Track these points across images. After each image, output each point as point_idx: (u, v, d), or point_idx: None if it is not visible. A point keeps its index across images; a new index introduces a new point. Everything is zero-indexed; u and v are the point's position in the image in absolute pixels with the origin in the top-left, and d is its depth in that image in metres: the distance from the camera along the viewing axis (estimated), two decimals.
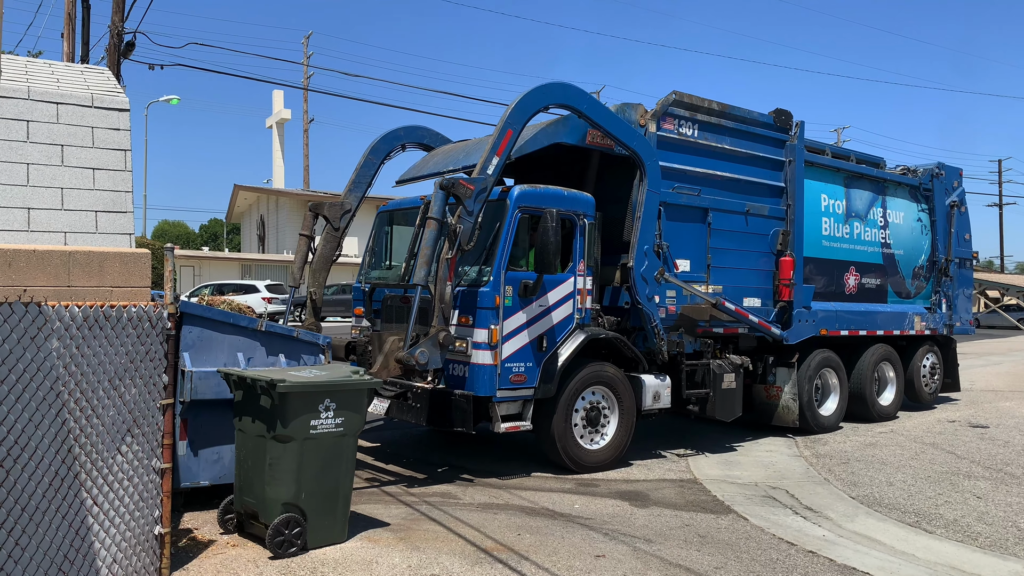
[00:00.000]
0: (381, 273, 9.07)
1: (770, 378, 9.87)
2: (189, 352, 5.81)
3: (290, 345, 6.35)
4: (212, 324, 5.97)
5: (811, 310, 10.02)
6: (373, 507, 6.32)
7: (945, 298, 12.28)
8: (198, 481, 5.94)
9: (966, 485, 7.49)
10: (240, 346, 6.08)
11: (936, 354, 12.46)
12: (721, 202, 9.12)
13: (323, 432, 5.21)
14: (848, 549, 5.66)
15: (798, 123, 9.92)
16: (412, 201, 8.76)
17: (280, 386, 4.97)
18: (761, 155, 9.63)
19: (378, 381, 5.64)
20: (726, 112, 9.21)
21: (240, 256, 43.54)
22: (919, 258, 12.02)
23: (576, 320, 7.76)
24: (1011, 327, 44.43)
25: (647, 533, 5.87)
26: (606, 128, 7.90)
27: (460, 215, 6.93)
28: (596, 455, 7.82)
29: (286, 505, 5.14)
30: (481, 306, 7.17)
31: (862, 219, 11.05)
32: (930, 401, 12.41)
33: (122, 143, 5.49)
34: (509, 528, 5.88)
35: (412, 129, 9.57)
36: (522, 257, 7.62)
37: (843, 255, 10.76)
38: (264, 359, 6.19)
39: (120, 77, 14.76)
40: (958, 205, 12.46)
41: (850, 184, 10.88)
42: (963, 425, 10.84)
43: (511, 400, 7.33)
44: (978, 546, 5.77)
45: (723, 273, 9.15)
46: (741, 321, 9.07)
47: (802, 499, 6.99)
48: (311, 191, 47.64)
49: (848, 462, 8.47)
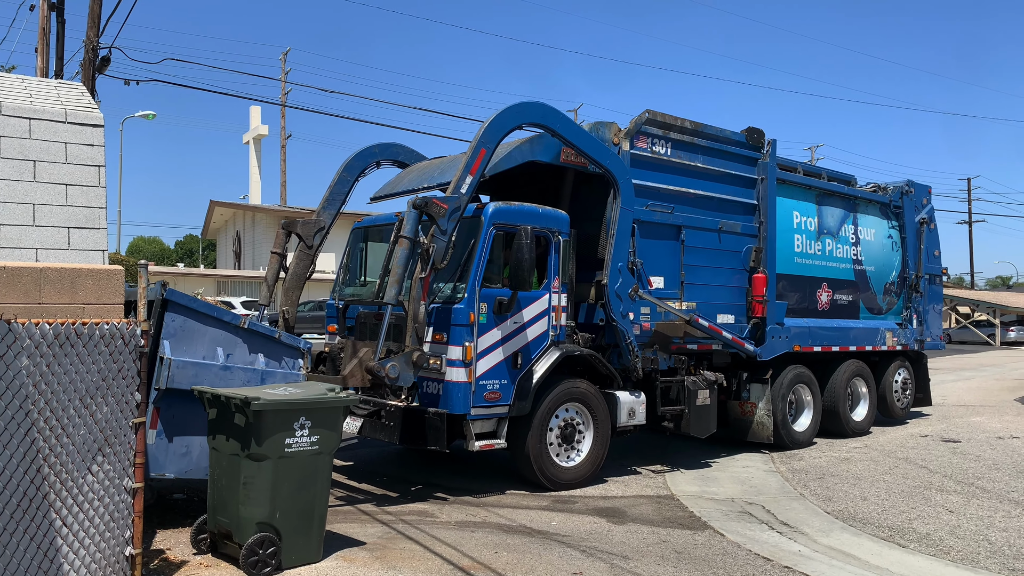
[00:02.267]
0: (355, 290, 9.02)
1: (744, 394, 9.89)
2: (170, 340, 5.69)
3: (270, 346, 6.26)
4: (196, 315, 5.86)
5: (784, 326, 10.08)
6: (349, 526, 6.26)
7: (916, 314, 12.40)
8: (164, 473, 5.79)
9: (939, 499, 7.57)
10: (221, 341, 5.98)
11: (908, 369, 12.58)
12: (694, 220, 9.18)
13: (298, 450, 5.17)
14: (823, 564, 5.69)
15: (770, 141, 10.01)
16: (387, 218, 8.72)
17: (255, 404, 4.93)
18: (734, 173, 9.72)
19: (354, 399, 5.61)
20: (699, 131, 9.29)
21: (216, 272, 43.19)
22: (890, 274, 12.16)
23: (551, 337, 7.75)
24: (982, 342, 45.13)
25: (624, 550, 5.87)
26: (579, 147, 7.95)
27: (433, 234, 6.92)
28: (571, 472, 7.79)
29: (260, 524, 5.08)
30: (455, 323, 7.14)
31: (834, 236, 11.16)
32: (902, 416, 12.52)
33: (96, 159, 5.45)
34: (486, 546, 5.85)
35: (386, 146, 9.55)
36: (497, 274, 7.60)
37: (815, 272, 10.86)
38: (244, 356, 6.09)
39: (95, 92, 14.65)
40: (927, 222, 12.66)
41: (822, 201, 11.00)
42: (935, 440, 10.97)
43: (485, 418, 7.28)
44: (950, 560, 5.83)
45: (697, 290, 9.19)
46: (715, 338, 9.11)
47: (778, 514, 7.03)
48: (288, 207, 47.42)
49: (823, 477, 8.53)
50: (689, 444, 10.25)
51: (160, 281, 5.88)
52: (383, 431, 7.46)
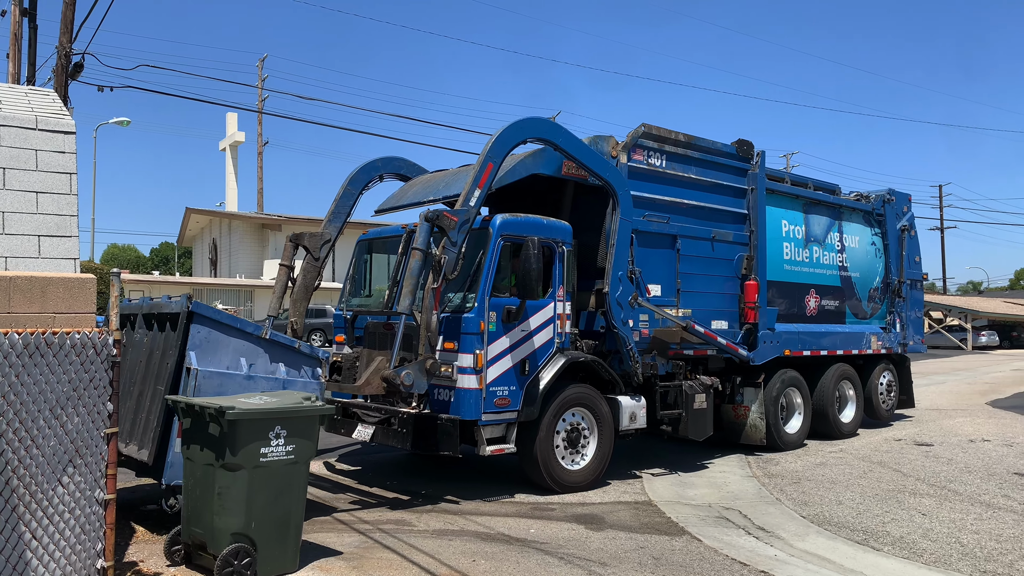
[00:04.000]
0: (362, 300, 9.18)
1: (738, 398, 10.15)
2: (195, 351, 5.83)
3: (291, 356, 6.40)
4: (220, 327, 6.01)
5: (775, 332, 10.37)
6: (326, 535, 6.22)
7: (899, 318, 12.75)
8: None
9: (912, 503, 7.66)
10: (244, 351, 6.12)
11: (892, 372, 12.92)
12: (689, 229, 9.44)
13: (274, 460, 5.13)
14: (799, 568, 5.74)
15: (759, 152, 10.32)
16: (393, 230, 8.90)
17: (229, 413, 4.89)
18: (725, 183, 10.01)
19: (330, 408, 5.58)
20: (692, 143, 9.56)
21: (192, 280, 42.77)
22: (874, 280, 12.48)
23: (556, 344, 7.95)
24: (954, 347, 45.78)
25: (602, 556, 5.88)
26: (580, 160, 8.18)
27: (444, 246, 7.12)
28: (577, 475, 7.99)
29: (235, 535, 5.03)
30: (466, 332, 7.33)
31: (820, 243, 11.50)
32: (887, 418, 12.83)
33: (67, 166, 5.39)
34: (464, 554, 5.84)
35: (389, 160, 9.68)
36: (505, 284, 7.80)
37: (803, 278, 11.17)
38: (266, 366, 6.23)
39: (68, 99, 14.48)
40: (908, 229, 13.02)
41: (808, 210, 11.32)
42: (909, 444, 11.11)
43: (495, 423, 7.47)
44: (923, 563, 5.90)
45: (692, 297, 9.44)
46: (710, 343, 9.36)
47: (754, 519, 7.08)
48: (265, 214, 47.12)
49: (799, 482, 8.60)
50: (668, 449, 10.30)
51: (186, 294, 6.05)
52: (395, 438, 7.60)
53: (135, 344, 6.61)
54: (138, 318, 6.64)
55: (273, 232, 44.34)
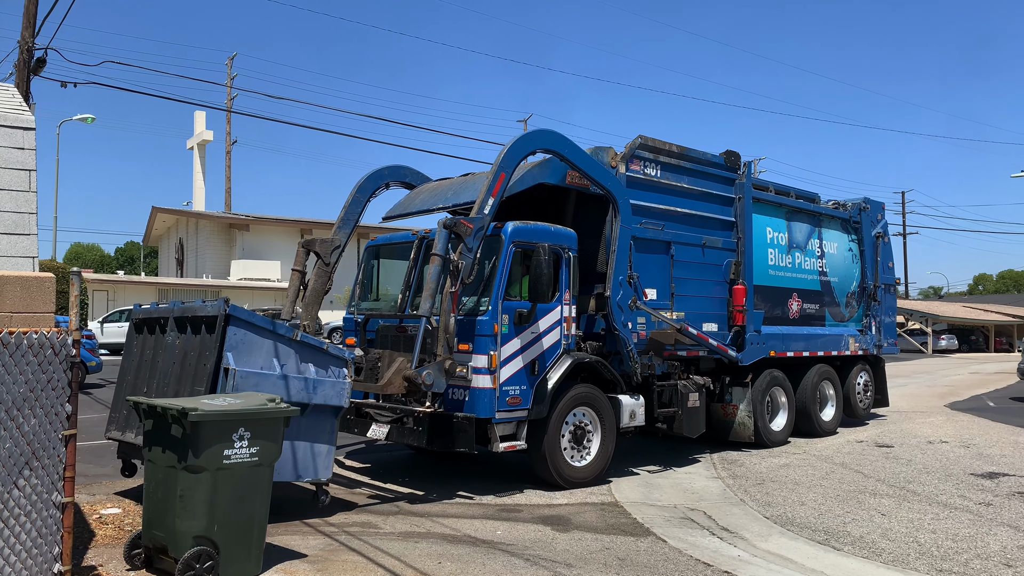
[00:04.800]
0: (372, 304, 9.45)
1: (727, 397, 10.66)
2: (232, 352, 6.09)
3: (319, 356, 6.69)
4: (255, 329, 6.28)
5: (761, 334, 10.85)
6: (290, 538, 6.17)
7: (874, 321, 13.37)
8: None
9: (872, 503, 7.80)
10: (277, 352, 6.41)
11: (868, 372, 13.52)
12: (682, 236, 9.89)
13: (237, 462, 5.07)
14: (762, 568, 5.81)
15: (746, 163, 10.85)
16: (403, 236, 9.21)
17: (192, 415, 4.83)
18: (715, 192, 10.50)
19: (294, 410, 5.54)
20: (684, 154, 10.03)
21: (157, 280, 42.08)
22: (851, 285, 13.05)
23: (563, 346, 8.27)
24: (915, 350, 46.73)
25: (568, 558, 5.90)
26: (585, 171, 8.57)
27: (461, 251, 7.43)
28: (582, 471, 8.30)
29: (198, 538, 4.96)
30: (481, 334, 7.64)
31: (802, 250, 12.02)
32: (864, 416, 13.46)
33: (26, 163, 5.29)
34: (430, 556, 5.82)
35: (395, 168, 9.95)
36: (516, 288, 8.13)
37: (787, 283, 11.70)
38: (296, 366, 6.50)
39: (30, 94, 14.21)
40: (882, 236, 13.68)
41: (791, 218, 11.83)
42: (870, 445, 11.31)
43: (507, 421, 7.77)
44: (882, 562, 6.01)
45: (685, 301, 9.87)
46: (702, 344, 9.79)
47: (719, 520, 7.16)
48: (233, 214, 46.59)
49: (763, 483, 8.72)
50: (638, 447, 10.36)
51: (223, 297, 6.34)
52: (411, 436, 7.88)
53: (167, 347, 6.76)
54: (170, 321, 6.79)
55: (241, 232, 43.83)
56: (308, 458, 6.65)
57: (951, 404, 17.19)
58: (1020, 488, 8.42)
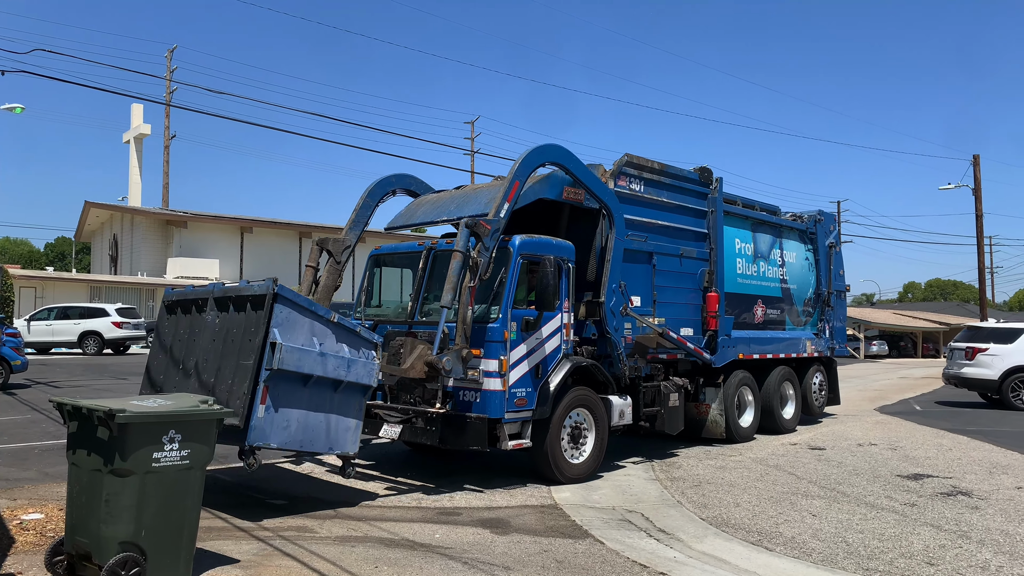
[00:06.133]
0: (379, 311, 9.80)
1: (701, 397, 11.43)
2: (278, 329, 6.49)
3: (352, 338, 7.15)
4: (298, 308, 6.70)
5: (731, 337, 11.65)
6: (223, 543, 6.02)
7: (828, 325, 14.34)
8: (268, 443, 6.50)
9: (804, 504, 7.99)
10: (316, 332, 6.83)
11: (823, 373, 14.41)
12: (662, 247, 10.59)
13: (167, 465, 4.93)
14: (696, 569, 5.89)
15: (717, 179, 11.58)
16: (408, 246, 9.66)
17: (119, 416, 4.67)
18: (690, 206, 11.25)
19: (230, 411, 5.42)
20: (664, 171, 10.75)
21: (89, 277, 40.68)
22: (807, 291, 14.00)
23: (563, 350, 8.79)
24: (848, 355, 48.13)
25: (506, 560, 5.89)
26: (587, 185, 9.21)
27: (479, 250, 8.02)
28: (579, 468, 8.80)
29: (124, 544, 4.80)
30: (492, 340, 8.13)
31: (765, 259, 12.88)
32: (819, 414, 14.43)
33: None
34: (367, 560, 5.75)
35: (401, 177, 10.50)
36: (523, 296, 8.63)
37: (753, 290, 12.50)
38: (332, 345, 6.94)
39: None
40: (835, 245, 14.73)
41: (756, 229, 12.67)
42: (803, 448, 11.60)
43: (514, 421, 8.24)
44: (812, 562, 6.15)
45: (665, 307, 10.56)
46: (681, 348, 10.49)
47: (656, 522, 7.24)
48: (170, 210, 45.38)
49: (700, 485, 8.86)
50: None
51: (271, 277, 6.81)
52: (423, 435, 8.32)
53: (206, 325, 7.14)
54: (209, 301, 7.18)
55: (178, 229, 42.72)
56: (338, 432, 7.11)
57: (880, 408, 17.76)
58: (943, 489, 8.74)
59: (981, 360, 17.72)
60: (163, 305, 7.86)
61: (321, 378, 6.82)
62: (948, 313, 71.83)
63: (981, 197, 35.92)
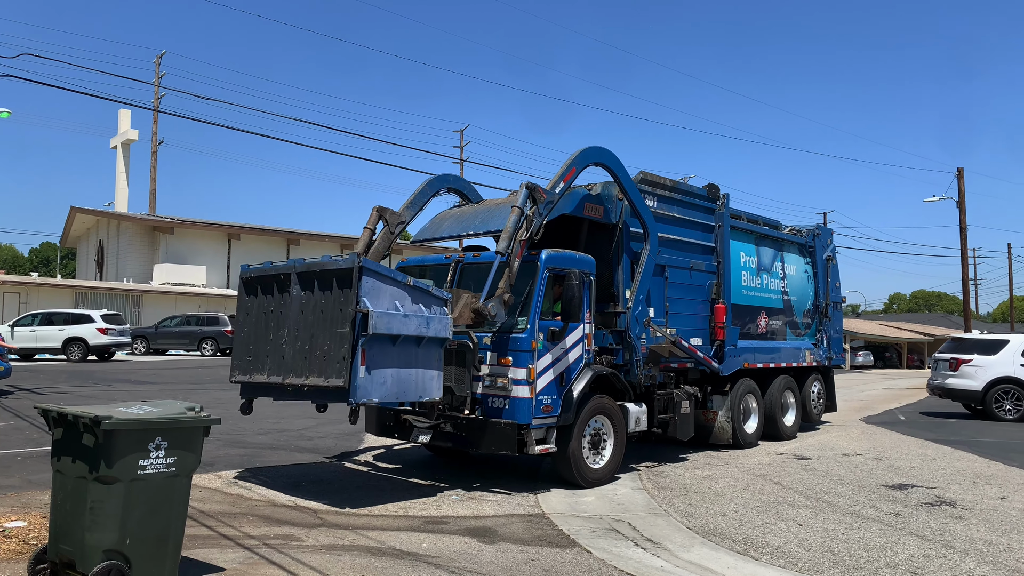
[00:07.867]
0: None
1: (709, 404, 11.91)
2: (367, 297, 7.12)
3: (426, 298, 7.75)
4: (380, 277, 7.32)
5: (737, 347, 12.06)
6: (208, 551, 5.98)
7: (825, 335, 14.84)
8: (371, 399, 7.20)
9: (790, 513, 8.02)
10: (396, 296, 7.44)
11: (820, 382, 14.97)
12: (674, 260, 11.03)
13: (153, 472, 4.90)
14: None
15: (724, 195, 12.02)
16: (435, 259, 10.01)
17: (105, 423, 4.65)
18: (700, 221, 11.74)
19: (216, 419, 5.39)
20: (675, 187, 11.23)
21: (74, 283, 40.35)
22: (807, 303, 14.54)
23: (584, 360, 9.14)
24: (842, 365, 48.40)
25: (493, 570, 5.88)
26: (630, 196, 9.82)
27: (535, 211, 8.65)
28: (598, 472, 9.15)
29: (108, 552, 4.76)
30: (521, 349, 8.47)
31: (768, 272, 13.38)
32: (817, 420, 14.94)
33: None
34: (353, 570, 5.73)
35: (457, 178, 11.12)
36: (548, 308, 8.93)
37: (757, 302, 12.99)
38: (410, 305, 7.56)
39: None
40: (832, 259, 15.24)
41: (759, 243, 13.18)
42: (790, 458, 11.65)
43: (540, 427, 8.55)
44: (798, 571, 6.18)
45: (676, 318, 10.96)
46: (691, 357, 10.94)
47: (643, 531, 7.25)
48: (157, 216, 45.17)
49: (687, 494, 8.88)
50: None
51: (354, 252, 7.71)
52: (453, 440, 8.74)
53: (291, 299, 7.74)
54: (292, 276, 7.75)
55: (165, 235, 42.52)
56: (425, 382, 7.74)
57: (866, 418, 17.85)
58: (927, 499, 8.80)
59: (965, 371, 17.85)
60: (241, 282, 8.40)
61: (407, 336, 7.45)
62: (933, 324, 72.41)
63: (965, 209, 36.24)
